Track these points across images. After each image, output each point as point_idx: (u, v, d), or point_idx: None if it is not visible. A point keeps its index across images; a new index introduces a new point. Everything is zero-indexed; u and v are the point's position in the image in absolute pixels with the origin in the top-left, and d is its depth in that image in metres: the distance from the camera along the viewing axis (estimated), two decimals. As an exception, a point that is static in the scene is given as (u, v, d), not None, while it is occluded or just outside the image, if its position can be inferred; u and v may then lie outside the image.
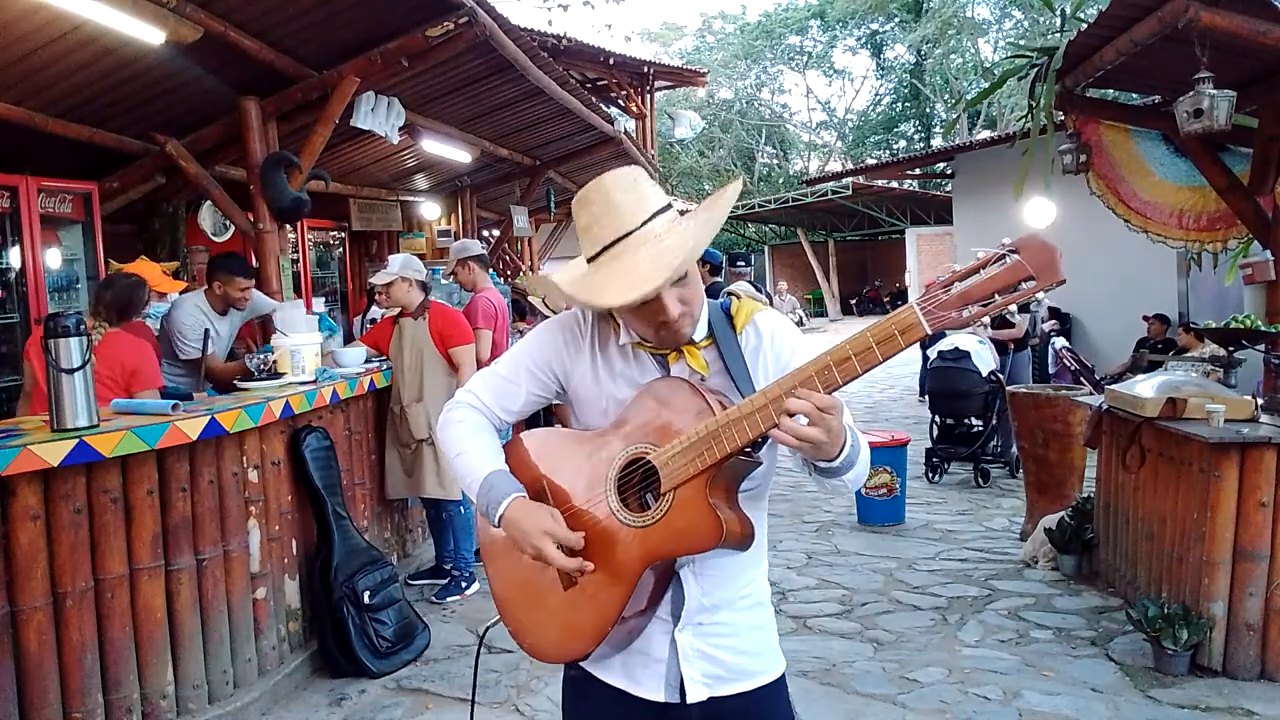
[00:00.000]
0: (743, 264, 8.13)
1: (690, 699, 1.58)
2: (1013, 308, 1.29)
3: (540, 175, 10.28)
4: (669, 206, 1.51)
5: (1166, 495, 4.03)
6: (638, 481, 1.51)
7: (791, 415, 1.35)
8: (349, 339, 6.93)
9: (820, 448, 1.36)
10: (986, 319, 1.30)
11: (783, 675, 1.69)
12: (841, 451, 1.40)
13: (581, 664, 1.66)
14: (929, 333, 1.30)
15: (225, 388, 4.47)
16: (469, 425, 1.68)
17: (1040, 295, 1.26)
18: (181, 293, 5.09)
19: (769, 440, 1.49)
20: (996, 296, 1.28)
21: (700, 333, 1.57)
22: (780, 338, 1.60)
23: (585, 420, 1.65)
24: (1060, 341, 10.13)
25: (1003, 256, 1.28)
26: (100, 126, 5.52)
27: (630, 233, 1.46)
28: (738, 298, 1.65)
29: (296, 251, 7.98)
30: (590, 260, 1.50)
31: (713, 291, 7.64)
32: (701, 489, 1.43)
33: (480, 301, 5.32)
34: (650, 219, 1.47)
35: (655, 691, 1.60)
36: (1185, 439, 3.81)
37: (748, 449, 1.42)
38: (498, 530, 1.59)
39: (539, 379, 1.67)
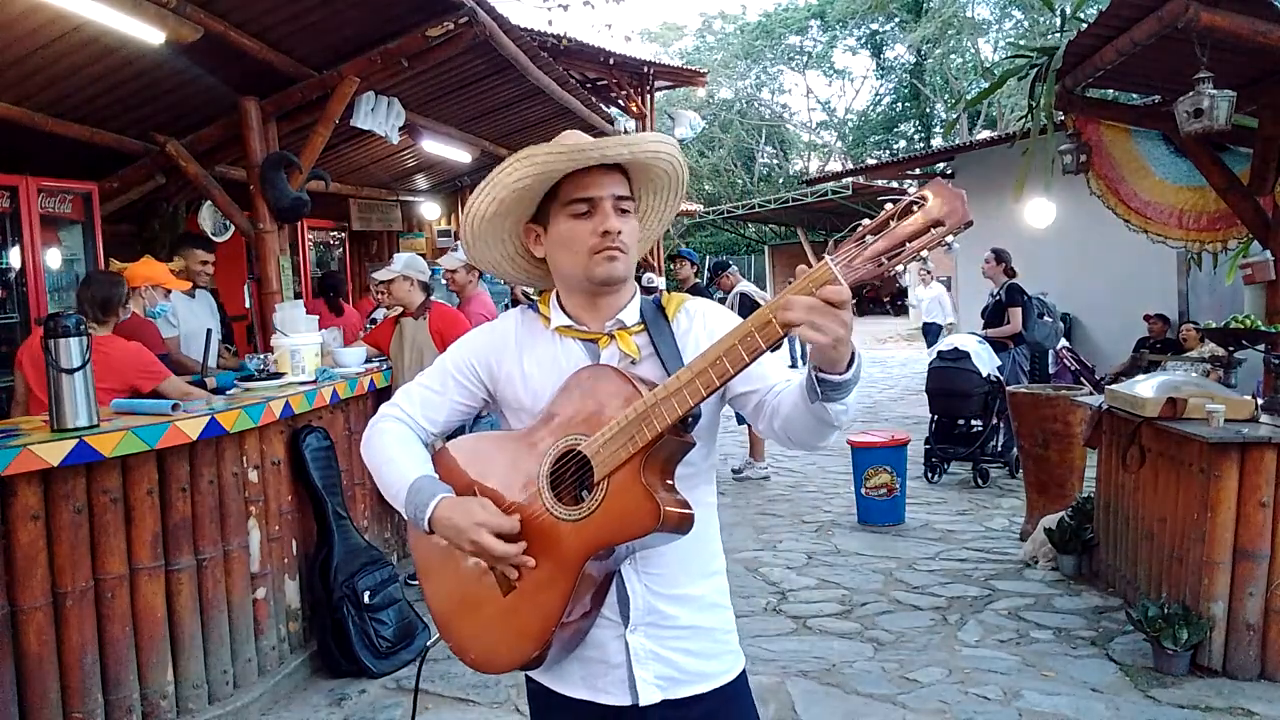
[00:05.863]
0: (733, 269, 7.96)
1: (643, 701, 1.54)
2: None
3: (540, 175, 10.27)
4: None
5: (1166, 495, 4.03)
6: (572, 475, 1.48)
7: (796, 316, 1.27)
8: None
9: (840, 344, 1.28)
10: (911, 265, 1.29)
11: (743, 673, 1.65)
12: (853, 359, 1.34)
13: (540, 679, 1.64)
14: (846, 286, 1.29)
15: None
16: (393, 436, 1.64)
17: (950, 239, 1.27)
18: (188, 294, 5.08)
19: (700, 420, 1.50)
20: (908, 244, 1.28)
21: (632, 318, 1.59)
22: (712, 318, 1.61)
23: (517, 428, 1.63)
24: (1060, 341, 10.12)
25: (911, 205, 1.29)
26: (100, 126, 5.52)
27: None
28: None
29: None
30: None
31: (696, 291, 7.57)
32: (636, 473, 1.40)
33: (475, 307, 5.39)
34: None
35: (620, 696, 1.56)
36: (1185, 439, 3.81)
37: (679, 427, 1.41)
38: (429, 541, 1.55)
39: (464, 386, 1.65)
